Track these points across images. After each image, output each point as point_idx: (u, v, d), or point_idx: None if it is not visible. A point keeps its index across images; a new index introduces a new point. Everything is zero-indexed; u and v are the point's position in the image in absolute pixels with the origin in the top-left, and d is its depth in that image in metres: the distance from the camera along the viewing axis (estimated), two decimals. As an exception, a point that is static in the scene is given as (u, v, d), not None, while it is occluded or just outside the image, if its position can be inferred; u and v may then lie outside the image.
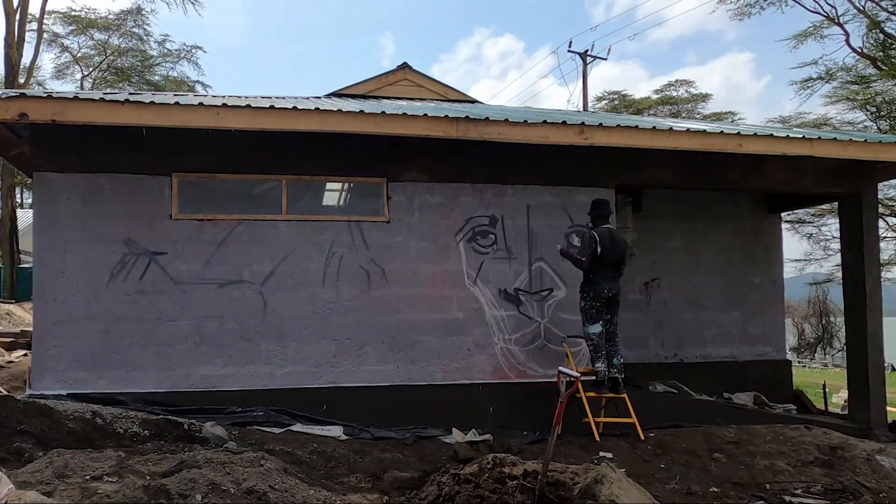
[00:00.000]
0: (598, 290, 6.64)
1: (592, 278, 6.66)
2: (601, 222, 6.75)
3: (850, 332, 8.36)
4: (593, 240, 6.60)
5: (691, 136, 6.95)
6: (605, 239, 6.61)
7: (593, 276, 6.65)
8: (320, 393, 6.57)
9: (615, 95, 32.15)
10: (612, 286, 6.70)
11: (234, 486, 3.58)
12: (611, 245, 6.64)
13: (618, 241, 6.74)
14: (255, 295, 6.57)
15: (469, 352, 6.96)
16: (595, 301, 6.65)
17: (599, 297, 6.65)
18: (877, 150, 7.39)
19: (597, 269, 6.63)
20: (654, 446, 6.20)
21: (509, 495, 3.95)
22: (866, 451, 5.93)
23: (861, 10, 18.49)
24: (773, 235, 10.14)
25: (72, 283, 6.22)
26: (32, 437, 4.79)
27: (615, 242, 6.70)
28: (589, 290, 6.69)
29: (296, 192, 6.83)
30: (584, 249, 6.66)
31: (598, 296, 6.64)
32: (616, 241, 6.72)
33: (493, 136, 6.43)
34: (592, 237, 6.62)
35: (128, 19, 25.16)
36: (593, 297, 6.66)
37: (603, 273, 6.64)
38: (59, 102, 5.64)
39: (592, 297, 6.66)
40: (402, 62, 10.23)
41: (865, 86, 19.25)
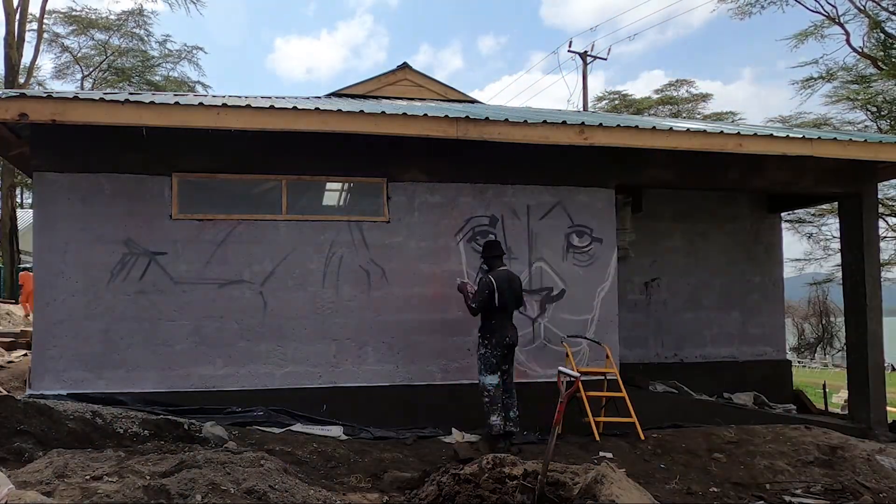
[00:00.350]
0: (500, 338, 6.20)
1: (494, 325, 6.22)
2: (497, 263, 6.38)
3: (850, 332, 8.36)
4: (488, 286, 6.18)
5: (691, 136, 6.95)
6: (502, 283, 6.22)
7: (494, 322, 6.23)
8: (320, 393, 6.57)
9: (615, 95, 32.16)
10: (513, 334, 6.32)
11: (234, 486, 3.58)
12: (509, 288, 6.26)
13: (515, 284, 6.37)
14: (255, 295, 6.57)
15: (469, 352, 6.95)
16: (496, 349, 6.18)
17: (501, 344, 6.20)
18: (877, 150, 7.39)
19: (497, 315, 6.23)
20: (654, 446, 6.21)
21: (509, 495, 3.95)
22: (866, 451, 5.93)
23: (862, 10, 18.50)
24: (773, 235, 10.14)
25: (72, 283, 6.22)
26: (32, 437, 4.79)
27: (512, 285, 6.32)
28: (490, 337, 6.21)
29: (296, 192, 6.83)
30: (478, 294, 6.22)
31: (500, 343, 6.20)
32: (513, 284, 6.34)
33: (493, 136, 6.43)
34: (488, 283, 6.20)
35: (128, 20, 25.16)
36: (495, 344, 6.19)
37: (502, 320, 6.26)
38: (59, 102, 5.64)
39: (494, 344, 6.19)
40: (402, 62, 10.23)
41: (866, 85, 19.26)
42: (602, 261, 7.38)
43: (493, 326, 6.25)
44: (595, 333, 7.29)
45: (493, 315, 6.24)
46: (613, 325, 7.36)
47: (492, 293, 6.18)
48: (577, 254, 7.35)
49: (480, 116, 6.43)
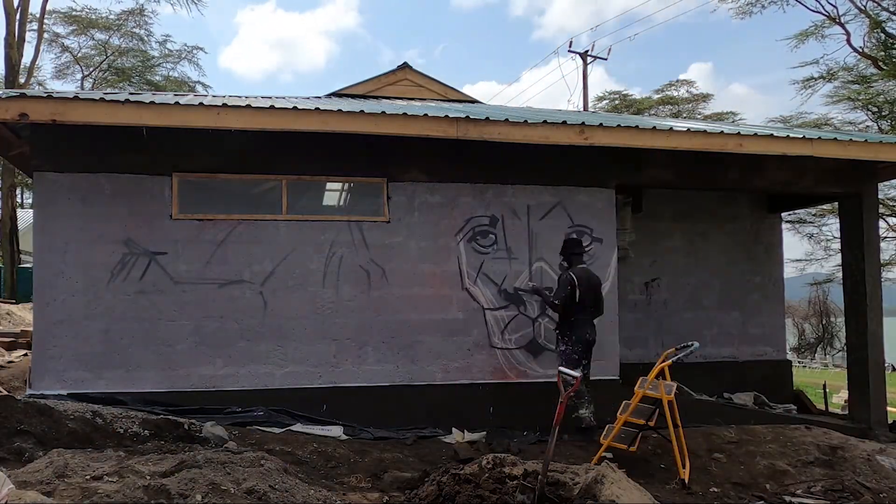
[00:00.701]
0: (581, 335, 6.35)
1: (573, 322, 6.36)
2: (577, 261, 6.50)
3: (851, 332, 8.36)
4: (569, 282, 6.30)
5: (691, 136, 6.95)
6: (582, 280, 6.34)
7: (574, 319, 6.36)
8: (320, 393, 6.57)
9: (616, 95, 32.19)
10: (593, 331, 6.46)
11: (235, 486, 3.58)
12: (588, 286, 6.38)
13: (594, 281, 6.50)
14: (256, 295, 6.57)
15: (469, 352, 6.96)
16: (578, 345, 6.34)
17: (581, 341, 6.34)
18: (877, 151, 7.39)
19: (577, 313, 6.35)
20: (654, 446, 6.20)
21: (509, 495, 3.95)
22: (866, 451, 5.93)
23: (862, 10, 18.51)
24: (774, 235, 10.13)
25: (72, 283, 6.22)
26: (33, 436, 4.79)
27: (591, 283, 6.44)
28: (571, 334, 6.37)
29: (296, 192, 6.83)
30: (559, 292, 6.35)
31: (581, 340, 6.34)
32: (592, 282, 6.46)
33: (493, 136, 6.43)
34: (569, 279, 6.32)
35: (129, 20, 25.17)
36: (575, 341, 6.34)
37: (584, 316, 6.38)
38: (60, 102, 5.65)
39: (575, 340, 6.34)
40: (402, 62, 10.24)
41: (866, 86, 19.27)
42: (602, 261, 7.38)
43: (573, 323, 6.36)
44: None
45: (573, 312, 6.35)
46: (613, 325, 7.35)
47: (573, 289, 6.29)
48: (578, 254, 7.34)
49: (480, 116, 6.43)
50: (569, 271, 6.45)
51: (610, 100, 32.06)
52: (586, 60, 28.63)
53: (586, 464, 4.87)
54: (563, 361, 6.32)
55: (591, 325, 6.45)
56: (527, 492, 3.96)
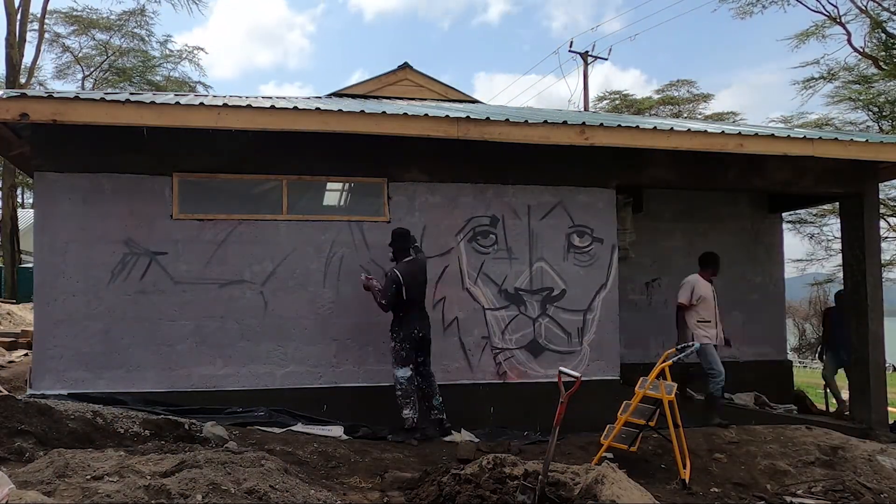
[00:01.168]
0: (408, 331, 6.22)
1: (402, 317, 6.26)
2: (403, 255, 6.33)
3: (851, 332, 8.35)
4: (394, 280, 6.15)
5: (692, 136, 6.95)
6: (407, 276, 6.18)
7: (402, 314, 6.26)
8: (321, 393, 6.57)
9: (616, 95, 32.18)
10: (423, 325, 6.33)
11: (235, 485, 3.58)
12: (412, 281, 6.22)
13: (420, 274, 6.35)
14: (256, 295, 6.57)
15: (469, 352, 6.96)
16: (405, 342, 6.23)
17: (409, 337, 6.23)
18: (878, 151, 7.39)
19: (405, 308, 6.24)
20: (654, 446, 6.20)
21: (510, 495, 3.95)
22: (867, 451, 5.92)
23: (863, 10, 18.50)
24: (774, 235, 10.13)
25: (72, 283, 6.22)
26: (33, 436, 4.79)
27: (416, 277, 6.29)
28: (399, 330, 6.26)
29: (296, 192, 6.83)
30: (384, 292, 6.19)
31: (408, 337, 6.23)
32: (417, 275, 6.31)
33: (493, 136, 6.43)
34: (393, 277, 6.16)
35: (129, 20, 25.19)
36: (402, 338, 6.23)
37: (412, 312, 6.26)
38: (60, 102, 5.65)
39: (402, 338, 6.24)
40: (402, 62, 10.23)
41: (867, 86, 19.26)
42: (602, 261, 7.38)
43: (401, 319, 6.29)
44: (595, 333, 7.29)
45: (399, 308, 6.26)
46: (614, 325, 7.36)
47: (399, 287, 6.16)
48: (578, 254, 7.35)
49: (481, 116, 6.43)
50: (394, 268, 6.26)
51: (610, 100, 32.07)
52: (586, 60, 28.64)
53: (587, 464, 4.87)
54: (393, 359, 6.30)
55: (421, 320, 6.34)
56: (527, 492, 3.96)
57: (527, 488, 3.98)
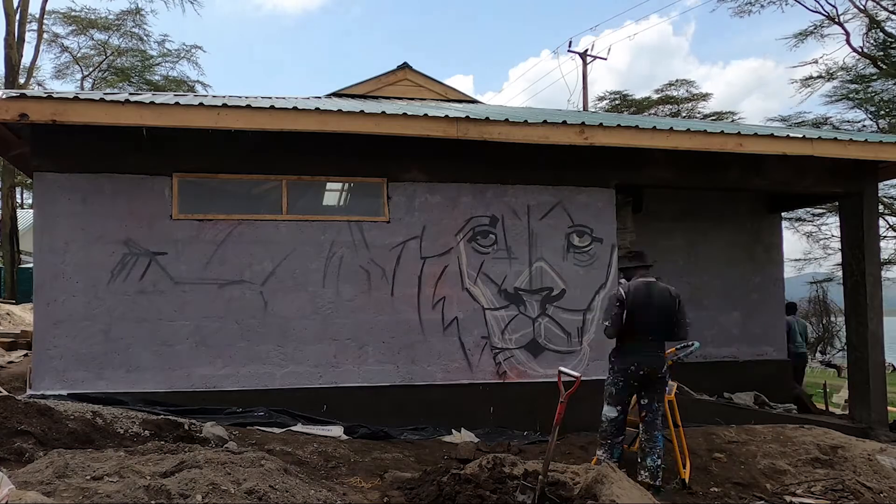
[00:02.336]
0: (624, 365, 5.11)
1: (620, 347, 5.20)
2: (634, 273, 5.33)
3: (851, 331, 8.36)
4: (618, 299, 5.11)
5: (692, 135, 6.95)
6: (636, 297, 5.10)
7: (621, 344, 5.20)
8: (321, 393, 6.57)
9: (616, 95, 32.13)
10: (645, 360, 5.06)
11: (235, 486, 3.58)
12: (644, 305, 5.07)
13: (655, 298, 5.12)
14: (256, 295, 6.57)
15: (469, 351, 6.96)
16: (618, 376, 5.15)
17: (625, 372, 5.11)
18: (877, 150, 7.39)
19: (625, 336, 5.14)
20: (654, 446, 6.20)
21: (510, 495, 3.95)
22: (867, 450, 5.93)
23: (861, 10, 18.51)
24: (774, 235, 10.13)
25: (72, 284, 6.22)
26: (33, 437, 4.78)
27: (650, 300, 5.10)
28: (614, 361, 5.24)
29: (296, 192, 6.83)
30: (608, 312, 5.23)
31: (624, 371, 5.11)
32: (653, 297, 5.11)
33: (493, 136, 6.43)
34: (617, 296, 5.15)
35: (127, 19, 25.15)
36: (616, 370, 5.17)
37: (633, 342, 5.13)
38: (60, 102, 5.65)
39: (615, 370, 5.18)
40: (402, 62, 10.23)
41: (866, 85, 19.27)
42: (602, 261, 7.39)
43: (618, 350, 5.25)
44: (595, 333, 7.29)
45: (623, 336, 5.18)
46: (614, 324, 7.35)
47: (622, 307, 5.09)
48: (578, 254, 7.35)
49: (481, 116, 6.44)
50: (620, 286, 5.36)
51: (610, 100, 32.05)
52: (586, 60, 28.63)
53: (587, 464, 4.87)
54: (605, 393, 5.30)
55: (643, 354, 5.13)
56: (527, 492, 3.96)
57: (527, 488, 3.98)
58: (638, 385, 5.15)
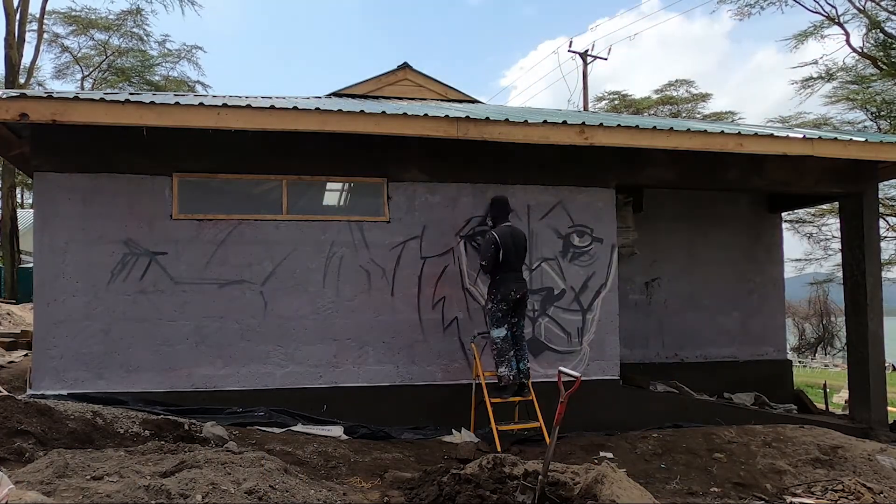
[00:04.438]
0: (505, 292, 6.34)
1: (499, 279, 6.38)
2: (501, 220, 6.52)
3: (851, 331, 8.36)
4: (492, 242, 6.35)
5: (692, 135, 6.95)
6: (506, 238, 6.36)
7: (499, 276, 6.38)
8: (321, 393, 6.57)
9: (615, 95, 32.17)
10: (519, 287, 6.41)
11: (235, 486, 3.58)
12: (512, 244, 6.40)
13: (518, 238, 6.50)
14: (256, 295, 6.57)
15: (470, 352, 6.95)
16: (501, 303, 6.35)
17: (506, 298, 6.34)
18: (877, 150, 7.39)
19: (502, 271, 6.37)
20: (654, 446, 6.20)
21: (510, 495, 3.95)
22: (867, 450, 5.93)
23: (861, 10, 18.50)
24: (774, 235, 10.14)
25: (72, 283, 6.22)
26: (33, 437, 4.78)
27: (516, 240, 6.46)
28: (496, 292, 6.39)
29: (296, 192, 6.83)
30: (484, 252, 6.44)
31: (505, 298, 6.34)
32: (517, 239, 6.48)
33: (493, 135, 6.43)
34: (492, 238, 6.37)
35: (128, 20, 25.15)
36: (499, 299, 6.35)
37: (508, 274, 6.38)
38: (60, 102, 5.65)
39: (499, 299, 6.36)
40: (402, 62, 10.23)
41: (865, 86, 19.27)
42: (602, 261, 7.38)
43: (498, 281, 6.40)
44: (595, 333, 7.29)
45: (496, 270, 6.39)
46: (614, 325, 7.36)
47: (497, 249, 6.32)
48: (578, 254, 7.35)
49: (481, 116, 6.43)
50: (492, 230, 6.48)
51: (609, 100, 32.07)
52: (586, 60, 28.64)
53: (587, 464, 4.87)
54: (489, 320, 6.47)
55: (517, 282, 6.43)
56: (527, 492, 3.96)
57: (527, 488, 3.98)
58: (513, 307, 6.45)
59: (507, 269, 6.40)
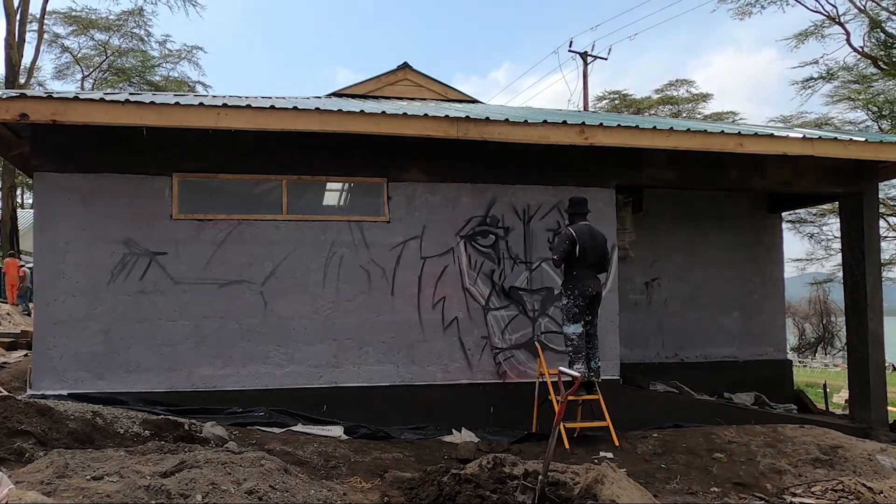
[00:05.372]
0: (583, 289, 6.43)
1: (575, 276, 6.47)
2: (579, 219, 6.59)
3: (851, 331, 8.35)
4: (568, 237, 6.42)
5: (692, 135, 6.95)
6: (583, 236, 6.43)
7: (576, 273, 6.46)
8: (321, 393, 6.57)
9: (616, 95, 32.17)
10: (595, 284, 6.51)
11: (235, 486, 3.58)
12: (591, 242, 6.46)
13: (598, 238, 6.55)
14: (256, 295, 6.57)
15: (469, 351, 6.96)
16: (579, 300, 6.44)
17: (584, 295, 6.44)
18: (878, 150, 7.39)
19: (579, 267, 6.45)
20: (654, 446, 6.20)
21: (510, 495, 3.95)
22: (867, 450, 5.93)
23: (862, 10, 18.50)
24: (774, 235, 10.13)
25: (72, 284, 6.22)
26: (33, 437, 4.79)
27: (594, 239, 6.51)
28: (573, 288, 6.46)
29: (296, 192, 6.83)
30: (558, 247, 6.50)
31: (583, 294, 6.44)
32: (596, 238, 6.53)
33: (493, 135, 6.43)
34: (568, 234, 6.44)
35: (128, 20, 25.17)
36: (577, 295, 6.44)
37: (585, 271, 6.46)
38: (60, 102, 5.65)
39: (576, 295, 6.44)
40: (402, 62, 10.22)
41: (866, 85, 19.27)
42: (602, 261, 7.37)
43: (574, 277, 6.48)
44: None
45: (573, 267, 6.47)
46: (614, 325, 7.36)
47: (573, 244, 6.39)
48: (578, 254, 7.34)
49: (481, 116, 6.43)
50: (568, 227, 6.56)
51: (610, 100, 32.07)
52: (586, 60, 28.63)
53: (587, 464, 4.87)
54: (564, 315, 6.55)
55: (593, 280, 6.51)
56: (527, 492, 3.96)
57: (527, 488, 3.98)
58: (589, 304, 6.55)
59: (584, 266, 6.45)
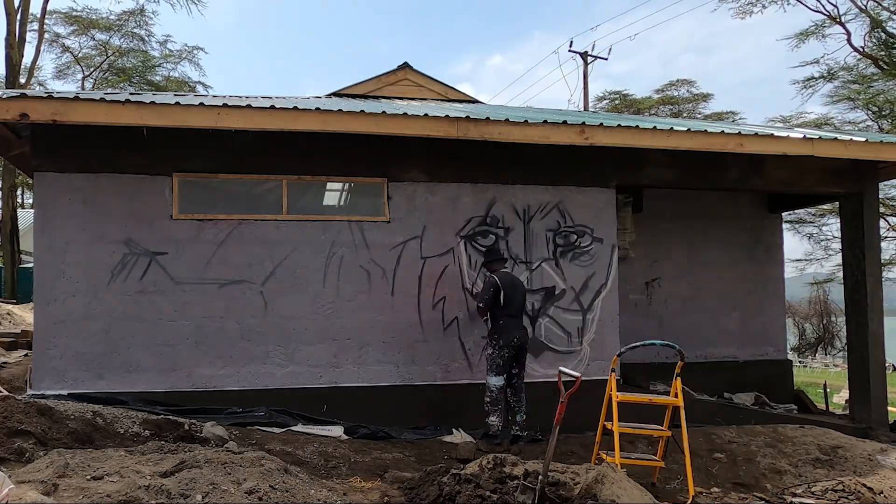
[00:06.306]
0: (508, 339, 6.27)
1: (501, 325, 6.31)
2: (498, 265, 6.54)
3: (851, 331, 8.35)
4: (493, 284, 6.31)
5: (692, 135, 6.95)
6: (506, 283, 6.33)
7: (502, 322, 6.31)
8: (321, 393, 6.57)
9: (616, 95, 32.15)
10: (521, 335, 6.37)
11: (235, 486, 3.58)
12: (512, 290, 6.36)
13: (518, 287, 6.49)
14: (256, 295, 6.57)
15: (469, 351, 6.96)
16: (503, 350, 6.26)
17: (510, 345, 6.27)
18: (878, 150, 7.38)
19: (504, 316, 6.31)
20: (653, 446, 6.20)
21: (510, 495, 3.95)
22: (867, 450, 5.93)
23: (863, 10, 18.48)
24: (774, 235, 10.13)
25: (72, 283, 6.22)
26: (33, 437, 4.79)
27: (515, 287, 6.43)
28: (498, 338, 6.30)
29: (296, 192, 6.83)
30: (483, 294, 6.38)
31: (508, 345, 6.27)
32: (517, 287, 6.46)
33: (493, 135, 6.43)
34: (492, 282, 6.32)
35: (129, 20, 25.16)
36: (502, 346, 6.27)
37: (510, 320, 6.33)
38: (60, 102, 5.65)
39: (501, 346, 6.27)
40: (402, 62, 10.22)
41: (867, 85, 19.26)
42: (602, 261, 7.38)
43: (500, 327, 6.33)
44: (595, 333, 7.29)
45: (499, 315, 6.33)
46: (614, 325, 7.36)
47: (497, 291, 6.29)
48: (578, 254, 7.35)
49: (481, 116, 6.43)
50: (493, 275, 6.44)
51: (610, 100, 32.06)
52: (586, 60, 28.64)
53: (587, 464, 4.87)
54: (489, 365, 6.37)
55: (518, 329, 6.38)
56: (527, 492, 3.96)
57: (527, 488, 3.98)
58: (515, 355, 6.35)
59: (509, 315, 6.33)
